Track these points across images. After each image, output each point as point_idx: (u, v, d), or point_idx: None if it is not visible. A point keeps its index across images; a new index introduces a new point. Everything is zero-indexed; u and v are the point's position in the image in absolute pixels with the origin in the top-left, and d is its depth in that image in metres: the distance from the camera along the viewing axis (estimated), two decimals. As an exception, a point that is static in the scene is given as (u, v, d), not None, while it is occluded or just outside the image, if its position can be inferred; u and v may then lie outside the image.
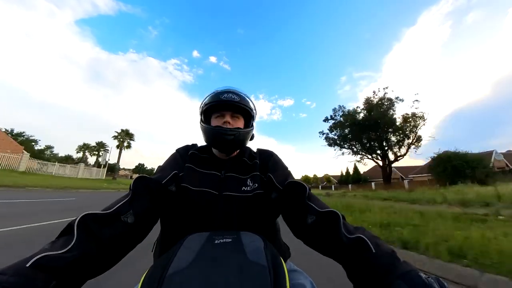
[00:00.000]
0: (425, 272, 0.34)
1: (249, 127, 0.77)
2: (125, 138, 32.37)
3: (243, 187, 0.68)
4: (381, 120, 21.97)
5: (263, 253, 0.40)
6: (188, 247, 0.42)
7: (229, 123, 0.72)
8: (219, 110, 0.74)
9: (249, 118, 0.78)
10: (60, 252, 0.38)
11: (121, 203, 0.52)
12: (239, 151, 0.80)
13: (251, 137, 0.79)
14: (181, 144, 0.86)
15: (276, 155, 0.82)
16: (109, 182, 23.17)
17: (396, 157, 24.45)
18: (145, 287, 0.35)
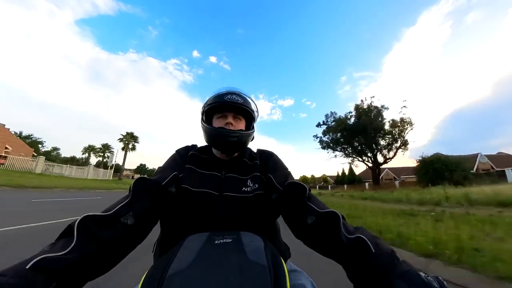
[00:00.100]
0: (424, 271, 0.38)
1: (250, 129, 0.78)
2: (130, 140, 34.19)
3: (244, 188, 0.68)
4: (369, 126, 23.93)
5: (263, 253, 0.40)
6: (188, 248, 0.42)
7: (231, 124, 0.72)
8: (222, 111, 0.75)
9: (251, 119, 0.79)
10: (60, 253, 0.38)
11: (121, 205, 0.52)
12: (239, 151, 0.80)
13: (252, 138, 0.80)
14: (181, 144, 0.84)
15: (276, 156, 0.82)
16: (117, 182, 24.68)
17: (385, 159, 26.22)
18: (145, 287, 0.34)
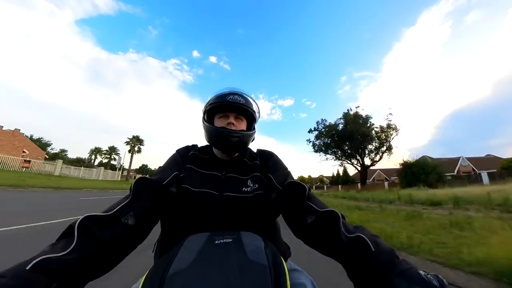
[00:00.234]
0: (424, 270, 0.38)
1: (251, 129, 0.78)
2: (136, 143, 36.51)
3: (244, 188, 0.68)
4: (355, 132, 26.42)
5: (264, 253, 0.40)
6: (188, 248, 0.42)
7: (233, 124, 0.73)
8: (224, 111, 0.75)
9: (252, 120, 0.80)
10: (60, 254, 0.37)
11: (122, 205, 0.52)
12: (240, 152, 0.80)
13: (253, 139, 0.80)
14: (181, 144, 0.84)
15: (276, 156, 0.83)
16: (126, 183, 26.77)
17: (372, 162, 28.63)
18: (146, 287, 0.34)
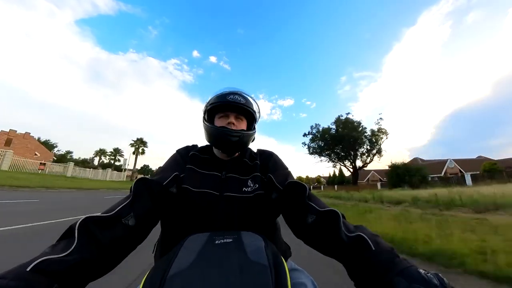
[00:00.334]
0: (424, 268, 0.38)
1: (251, 129, 0.78)
2: (140, 145, 38.35)
3: (244, 188, 0.68)
4: (346, 136, 28.30)
5: (264, 253, 0.40)
6: (188, 248, 0.42)
7: (233, 124, 0.73)
8: (224, 110, 0.75)
9: (252, 120, 0.80)
10: (61, 255, 0.37)
11: (122, 206, 0.52)
12: (240, 151, 0.80)
13: (253, 139, 0.80)
14: (181, 144, 0.84)
15: (276, 156, 0.83)
16: (131, 183, 28.26)
17: (363, 164, 30.46)
18: None
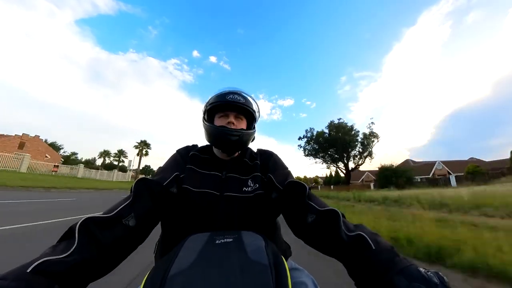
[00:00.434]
0: (424, 267, 0.38)
1: (251, 128, 0.78)
2: (144, 147, 40.15)
3: (244, 188, 0.68)
4: (338, 140, 30.28)
5: (264, 252, 0.40)
6: (189, 248, 0.42)
7: (233, 123, 0.73)
8: (224, 110, 0.75)
9: (252, 120, 0.80)
10: (61, 256, 0.37)
11: (123, 206, 0.52)
12: (240, 151, 0.80)
13: (253, 139, 0.80)
14: (181, 144, 0.84)
15: (276, 155, 0.83)
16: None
17: (355, 166, 32.33)
18: None
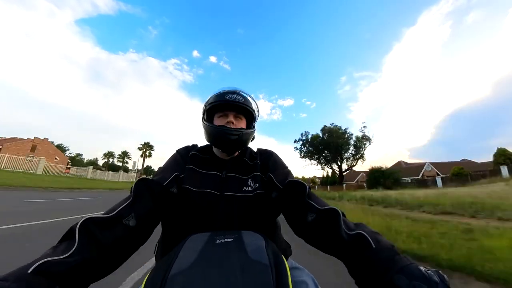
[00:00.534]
0: (424, 266, 0.38)
1: (251, 128, 0.78)
2: (147, 149, 42.11)
3: (244, 187, 0.68)
4: (331, 143, 32.29)
5: (265, 252, 0.40)
6: (189, 248, 0.42)
7: (232, 123, 0.73)
8: (223, 109, 0.75)
9: (252, 119, 0.80)
10: (61, 257, 0.37)
11: (123, 206, 0.52)
12: (240, 151, 0.80)
13: (252, 138, 0.80)
14: (181, 144, 0.85)
15: (276, 155, 0.83)
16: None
17: (348, 167, 34.27)
18: None
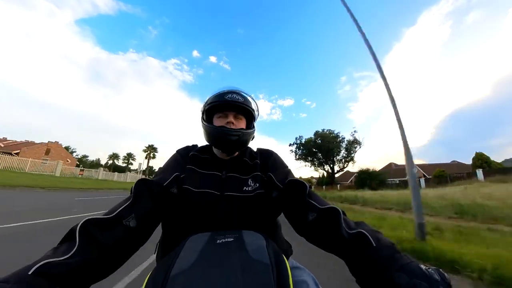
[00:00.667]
0: (425, 264, 0.38)
1: (250, 128, 0.79)
2: (151, 151, 44.65)
3: (245, 187, 0.68)
4: (323, 146, 34.80)
5: (266, 251, 0.40)
6: (190, 248, 0.42)
7: (232, 123, 0.73)
8: (223, 110, 0.75)
9: (251, 119, 0.80)
10: (62, 258, 0.37)
11: (123, 207, 0.51)
12: (240, 151, 0.80)
13: (252, 138, 0.80)
14: (181, 144, 0.85)
15: (276, 154, 0.83)
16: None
17: (340, 169, 36.78)
18: None
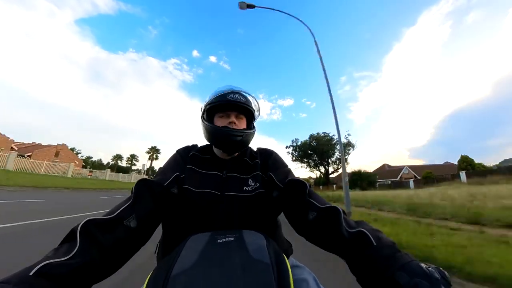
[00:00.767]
0: (425, 263, 0.38)
1: (251, 127, 0.79)
2: (154, 152, 46.68)
3: (245, 187, 0.68)
4: (317, 149, 37.00)
5: (266, 251, 0.40)
6: (191, 248, 0.42)
7: (234, 123, 0.73)
8: (224, 110, 0.75)
9: (252, 118, 0.81)
10: (63, 259, 0.38)
11: (123, 208, 0.51)
12: (241, 151, 0.80)
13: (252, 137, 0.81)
14: (181, 144, 0.84)
15: (276, 154, 0.83)
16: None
17: (334, 170, 38.84)
18: None
